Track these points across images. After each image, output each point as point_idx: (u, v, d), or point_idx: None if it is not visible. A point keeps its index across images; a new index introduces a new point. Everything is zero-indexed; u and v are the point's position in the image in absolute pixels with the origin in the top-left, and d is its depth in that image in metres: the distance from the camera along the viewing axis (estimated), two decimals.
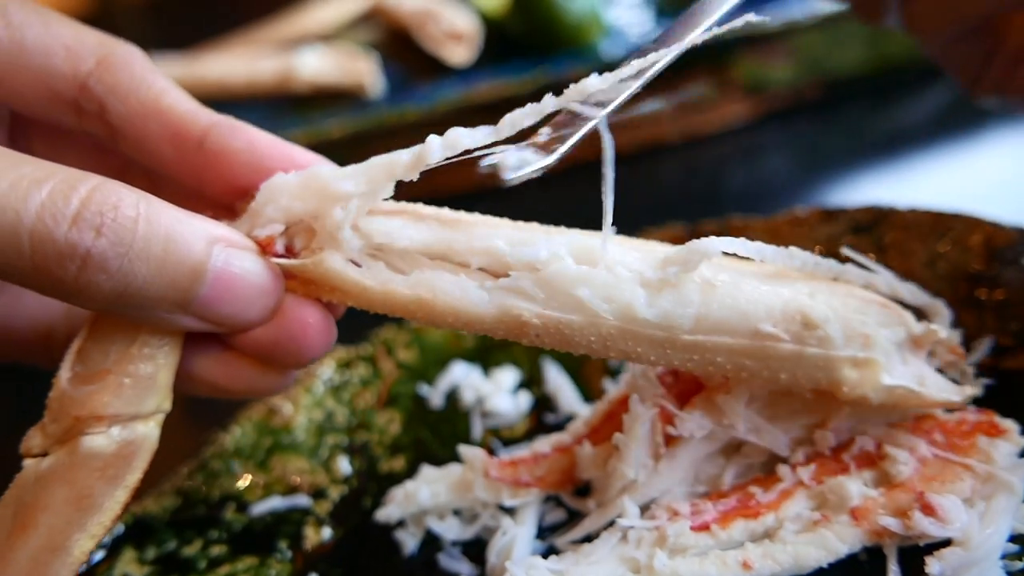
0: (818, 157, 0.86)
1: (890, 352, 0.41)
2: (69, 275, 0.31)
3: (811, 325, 0.38)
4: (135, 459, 0.38)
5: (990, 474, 0.40)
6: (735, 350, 0.39)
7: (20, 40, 0.38)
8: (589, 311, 0.38)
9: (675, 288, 0.38)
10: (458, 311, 0.38)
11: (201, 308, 0.36)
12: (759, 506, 0.40)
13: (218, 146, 0.39)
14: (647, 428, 0.43)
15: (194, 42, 1.07)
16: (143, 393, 0.37)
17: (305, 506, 0.52)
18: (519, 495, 0.47)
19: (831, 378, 0.39)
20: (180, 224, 0.34)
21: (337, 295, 0.39)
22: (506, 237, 0.39)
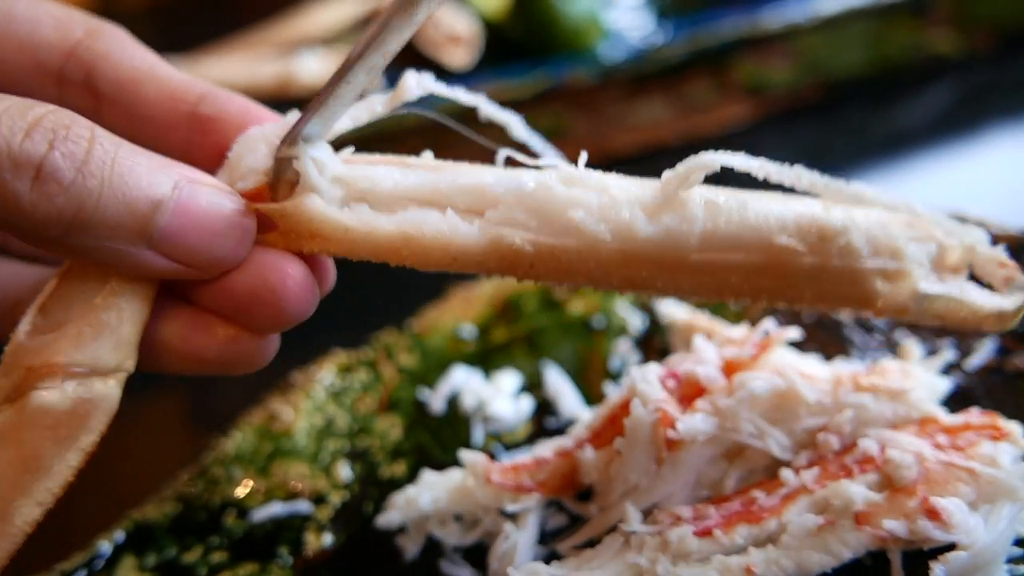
0: (818, 158, 0.86)
1: (923, 263, 0.37)
2: (24, 187, 0.31)
3: (829, 235, 0.35)
4: (91, 419, 0.34)
5: (994, 478, 0.39)
6: (751, 268, 0.35)
7: (8, 11, 0.38)
8: (586, 234, 0.35)
9: (676, 206, 0.35)
10: (447, 245, 0.36)
11: (164, 240, 0.34)
12: (762, 511, 0.40)
13: (213, 111, 0.38)
14: (648, 432, 0.43)
15: (194, 46, 1.07)
16: (104, 345, 0.34)
17: (306, 512, 0.52)
18: (521, 500, 0.46)
19: (862, 291, 0.36)
20: (139, 154, 0.34)
21: (319, 242, 0.37)
22: (493, 174, 0.38)
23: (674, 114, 0.88)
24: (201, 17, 1.51)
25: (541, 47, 0.84)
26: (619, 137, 0.88)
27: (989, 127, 0.83)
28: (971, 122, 0.84)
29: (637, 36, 0.86)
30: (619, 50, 0.84)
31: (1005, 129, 0.82)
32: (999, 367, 0.50)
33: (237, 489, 0.53)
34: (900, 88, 0.89)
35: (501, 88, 0.82)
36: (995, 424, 0.42)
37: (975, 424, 0.42)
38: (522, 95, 0.82)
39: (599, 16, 0.85)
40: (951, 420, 0.43)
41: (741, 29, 0.82)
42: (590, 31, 0.84)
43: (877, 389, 0.43)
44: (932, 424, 0.43)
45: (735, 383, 0.43)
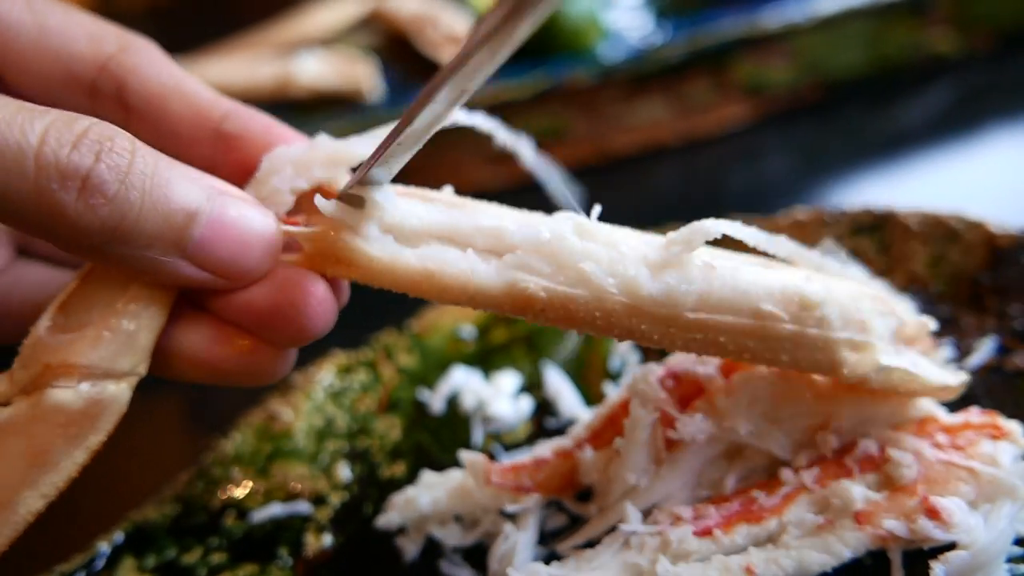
0: (818, 158, 0.86)
1: (885, 338, 0.42)
2: (70, 198, 0.32)
3: (809, 306, 0.39)
4: (101, 419, 0.36)
5: (994, 477, 0.39)
6: (737, 329, 0.39)
7: (43, 24, 0.39)
8: (595, 286, 0.38)
9: (677, 267, 0.38)
10: (465, 284, 0.38)
11: (197, 250, 0.35)
12: (762, 510, 0.40)
13: (237, 128, 0.39)
14: (648, 432, 0.43)
15: (193, 46, 1.07)
16: (121, 350, 0.36)
17: (306, 513, 0.52)
18: (520, 500, 0.46)
19: (831, 360, 0.39)
20: (175, 167, 0.35)
21: (343, 268, 0.38)
22: (511, 218, 0.40)
23: (673, 114, 0.88)
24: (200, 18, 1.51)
25: (540, 47, 0.84)
26: (618, 137, 0.88)
27: (988, 127, 0.83)
28: (970, 122, 0.84)
29: (636, 36, 0.86)
30: (618, 50, 0.84)
31: (1004, 129, 0.82)
32: (999, 366, 0.49)
33: (237, 490, 0.53)
34: (899, 88, 0.89)
35: (500, 89, 0.82)
36: (995, 423, 0.42)
37: (975, 423, 0.42)
38: (521, 95, 0.82)
39: (599, 16, 0.85)
40: (951, 419, 0.43)
41: (740, 29, 0.82)
42: (590, 31, 0.84)
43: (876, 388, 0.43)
44: (932, 423, 0.43)
45: (734, 383, 0.43)
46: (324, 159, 0.39)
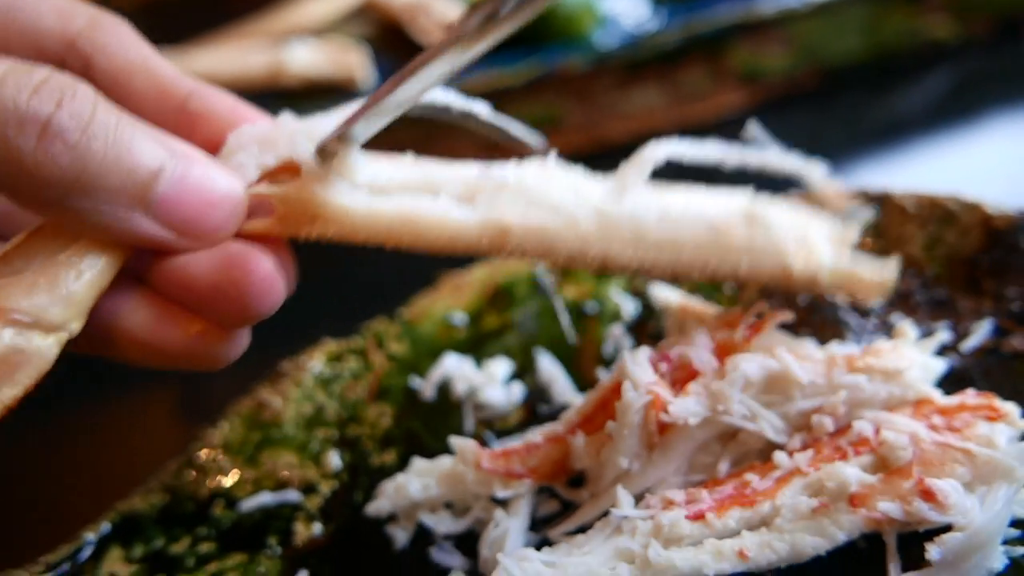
0: (815, 145, 0.85)
1: (824, 241, 0.44)
2: (29, 144, 0.31)
3: (755, 217, 0.43)
4: (19, 370, 0.33)
5: (991, 458, 0.39)
6: (697, 243, 0.42)
7: (13, 2, 0.38)
8: (566, 211, 0.41)
9: (637, 195, 0.42)
10: (442, 226, 0.39)
11: (161, 208, 0.35)
12: (755, 494, 0.39)
13: (201, 107, 0.39)
14: (640, 416, 0.42)
15: (185, 37, 1.07)
16: (55, 301, 0.34)
17: (295, 501, 0.51)
18: (512, 486, 0.46)
19: (783, 264, 0.43)
20: (139, 124, 0.35)
21: (319, 225, 0.38)
22: (478, 168, 0.42)
23: (668, 101, 0.87)
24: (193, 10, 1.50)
25: (535, 34, 0.83)
26: (613, 125, 0.87)
27: (986, 113, 0.82)
28: (968, 108, 0.83)
29: (631, 22, 0.85)
30: (613, 36, 0.83)
31: (1002, 115, 0.82)
32: (996, 348, 0.49)
33: (225, 479, 0.53)
34: (897, 74, 0.89)
35: (494, 76, 0.81)
36: (991, 405, 0.42)
37: (971, 405, 0.42)
38: (515, 82, 0.81)
39: (593, 3, 0.84)
40: (947, 401, 0.43)
41: (736, 15, 0.82)
42: (584, 18, 0.83)
43: (872, 370, 0.43)
44: (928, 405, 0.42)
45: (728, 366, 0.43)
46: (289, 136, 0.39)
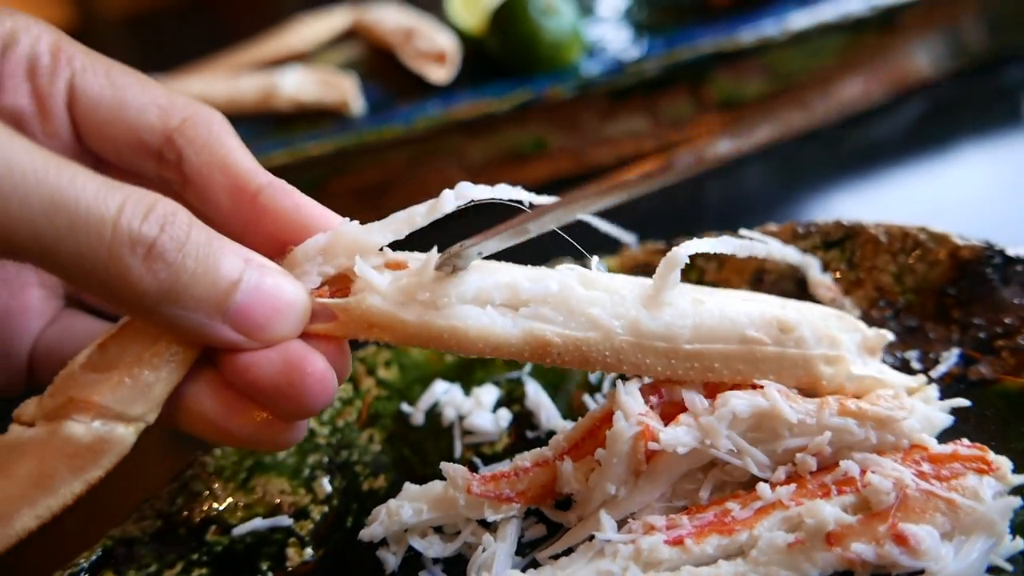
0: (793, 171, 0.88)
1: (853, 351, 0.47)
2: (136, 262, 0.36)
3: (787, 328, 0.45)
4: (104, 457, 0.39)
5: (973, 510, 0.39)
6: (728, 355, 0.44)
7: (121, 98, 0.44)
8: (603, 327, 0.43)
9: (671, 304, 0.44)
10: (488, 337, 0.43)
11: (236, 314, 0.40)
12: (734, 522, 0.41)
13: (269, 202, 0.44)
14: (629, 445, 0.43)
15: (174, 59, 1.08)
16: (136, 397, 0.39)
17: (287, 526, 0.52)
18: (501, 510, 0.47)
19: (811, 374, 0.45)
20: (224, 241, 0.40)
21: (375, 332, 0.43)
22: (523, 274, 0.45)
23: (652, 128, 0.89)
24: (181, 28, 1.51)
25: (522, 63, 0.85)
26: (598, 150, 0.89)
27: (958, 142, 0.85)
28: (940, 137, 0.86)
29: (615, 51, 0.87)
30: (596, 64, 0.85)
31: (973, 144, 0.84)
32: (963, 375, 0.51)
33: (218, 504, 0.54)
34: (872, 104, 0.91)
35: (481, 102, 0.83)
36: (984, 457, 0.42)
37: (963, 455, 0.42)
38: (500, 109, 0.83)
39: (580, 32, 0.86)
40: (939, 449, 0.43)
41: (716, 43, 0.84)
42: (571, 47, 0.85)
43: (864, 415, 0.43)
44: (919, 451, 0.43)
45: (718, 401, 0.44)
46: (346, 248, 0.43)
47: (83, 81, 0.44)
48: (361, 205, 0.88)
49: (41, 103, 0.44)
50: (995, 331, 0.52)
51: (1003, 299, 0.52)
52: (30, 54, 0.43)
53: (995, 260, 0.53)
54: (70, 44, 0.44)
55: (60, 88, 0.44)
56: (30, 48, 0.43)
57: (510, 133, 0.87)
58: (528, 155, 0.89)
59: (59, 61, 0.43)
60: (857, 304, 0.56)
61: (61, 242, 0.35)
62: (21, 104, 0.43)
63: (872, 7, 0.84)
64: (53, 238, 0.34)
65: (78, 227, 0.35)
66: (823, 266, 0.58)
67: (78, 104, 0.44)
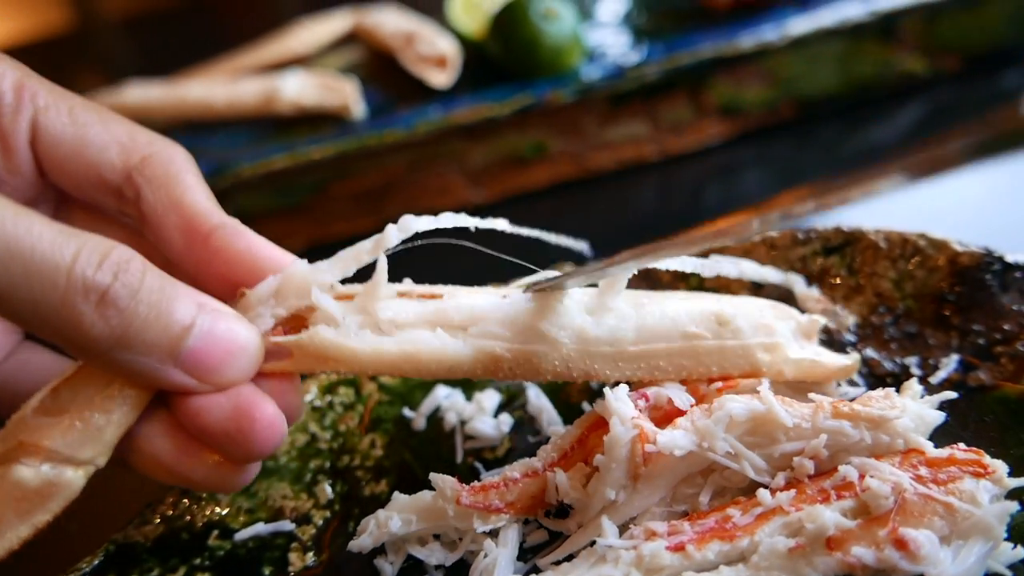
0: (792, 175, 0.88)
1: (788, 337, 0.50)
2: (88, 309, 0.37)
3: (724, 321, 0.47)
4: (51, 500, 0.39)
5: (971, 514, 0.40)
6: (672, 352, 0.47)
7: (82, 136, 0.45)
8: (550, 339, 0.45)
9: (614, 309, 0.47)
10: (440, 359, 0.44)
11: (188, 359, 0.40)
12: (735, 528, 0.41)
13: (221, 244, 0.44)
14: (627, 449, 0.44)
15: (174, 62, 1.08)
16: (86, 441, 0.40)
17: (289, 531, 0.53)
18: (490, 520, 0.47)
19: (751, 362, 0.48)
20: (176, 285, 0.41)
21: (331, 364, 0.44)
22: (480, 295, 0.47)
23: (652, 132, 0.89)
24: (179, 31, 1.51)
25: (523, 67, 0.86)
26: (598, 155, 0.90)
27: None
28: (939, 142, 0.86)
29: (615, 55, 0.87)
30: (597, 69, 0.86)
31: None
32: (962, 381, 0.51)
33: (220, 509, 0.54)
34: (871, 107, 0.92)
35: (481, 107, 0.83)
36: (980, 461, 0.42)
37: (960, 459, 0.43)
38: (500, 113, 0.83)
39: (581, 37, 0.86)
40: (936, 453, 0.44)
41: (715, 48, 0.84)
42: (572, 52, 0.85)
43: (857, 416, 0.44)
44: (916, 455, 0.43)
45: (714, 404, 0.45)
46: (297, 289, 0.44)
47: (46, 119, 0.44)
48: (362, 209, 0.88)
49: (4, 140, 0.44)
50: (994, 337, 0.52)
51: (1002, 305, 0.53)
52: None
53: (994, 267, 0.54)
54: (34, 81, 0.45)
55: (23, 126, 0.44)
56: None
57: (510, 137, 0.87)
58: (528, 159, 0.89)
59: (22, 99, 0.44)
60: (856, 310, 0.56)
61: (16, 289, 0.35)
62: None
63: (872, 13, 0.85)
64: (8, 285, 0.35)
65: (32, 275, 0.35)
66: (821, 273, 0.58)
67: (40, 141, 0.45)
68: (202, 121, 0.90)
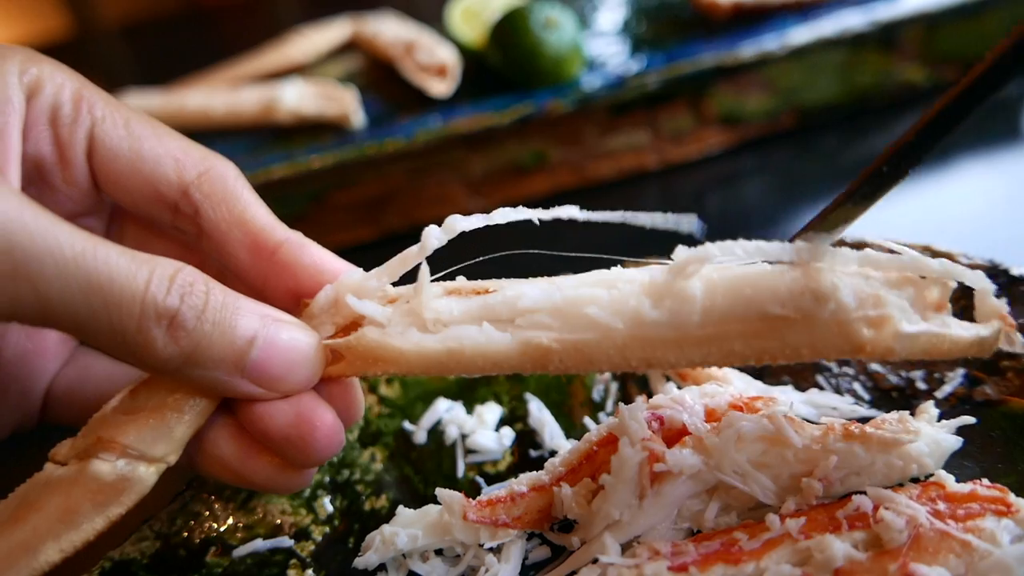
0: (793, 184, 0.88)
1: (904, 307, 0.40)
2: (160, 332, 0.38)
3: (822, 298, 0.38)
4: (125, 494, 0.41)
5: (989, 554, 0.38)
6: (750, 334, 0.39)
7: (138, 149, 0.45)
8: (600, 326, 0.40)
9: (676, 288, 0.40)
10: (486, 354, 0.42)
11: (253, 369, 0.41)
12: (741, 553, 0.40)
13: (288, 259, 0.45)
14: (635, 470, 0.43)
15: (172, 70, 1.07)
16: (159, 439, 0.42)
17: (288, 547, 0.52)
18: (497, 536, 0.47)
19: (851, 341, 0.39)
20: (239, 299, 0.42)
21: (380, 366, 0.44)
22: (528, 286, 0.43)
23: (653, 141, 0.89)
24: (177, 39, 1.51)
25: (523, 77, 0.85)
26: (599, 164, 0.89)
27: (956, 155, 0.85)
28: (940, 151, 0.86)
29: (616, 65, 0.87)
30: (597, 78, 0.85)
31: (971, 157, 0.85)
32: (968, 395, 0.51)
33: (218, 525, 0.53)
34: (871, 117, 0.92)
35: (482, 116, 0.83)
36: (1004, 499, 0.41)
37: (982, 496, 0.41)
38: (500, 123, 0.83)
39: (581, 46, 0.86)
40: (957, 487, 0.42)
41: (716, 58, 0.84)
42: (572, 61, 0.85)
43: (869, 439, 0.43)
44: (936, 488, 0.42)
45: (723, 422, 0.44)
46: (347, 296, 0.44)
47: (102, 131, 0.45)
48: (361, 218, 0.88)
49: (62, 152, 0.44)
50: (1000, 351, 0.51)
51: None
52: (53, 103, 0.44)
53: (999, 279, 0.53)
54: (92, 92, 0.45)
55: (80, 137, 0.44)
56: (53, 96, 0.44)
57: (511, 147, 0.87)
58: (529, 169, 0.89)
59: (80, 110, 0.44)
60: None
61: (97, 319, 0.36)
62: (43, 152, 0.44)
63: (872, 23, 0.85)
64: (88, 315, 0.36)
65: (111, 305, 0.36)
66: None
67: (97, 154, 0.45)
68: (201, 130, 0.90)
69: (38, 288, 0.35)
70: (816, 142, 0.91)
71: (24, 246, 0.34)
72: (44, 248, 0.34)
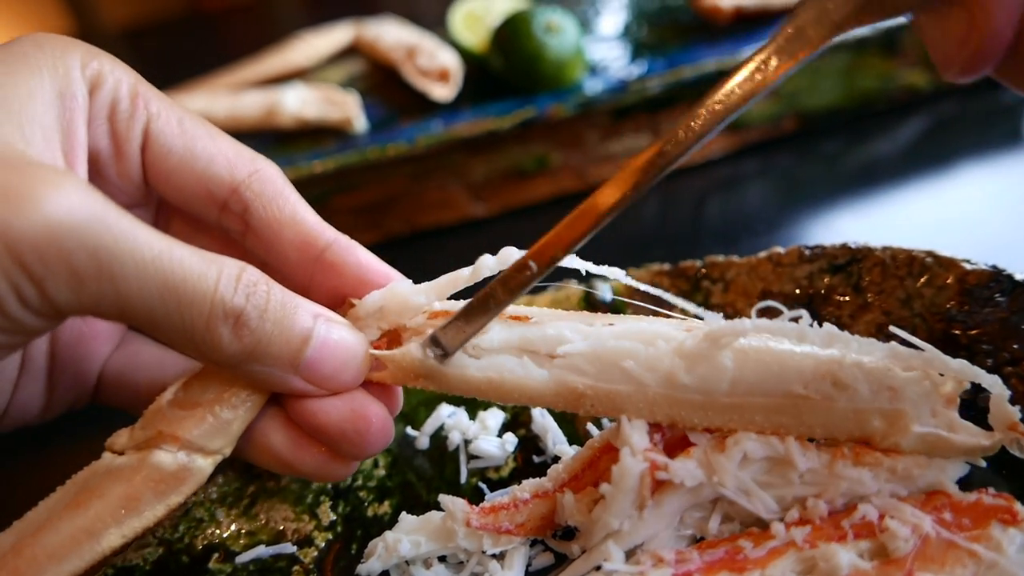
0: (794, 189, 0.88)
1: (918, 403, 0.43)
2: (226, 330, 0.40)
3: (841, 386, 0.42)
4: (184, 484, 0.43)
5: (995, 563, 0.38)
6: (770, 409, 0.42)
7: (192, 147, 0.46)
8: (635, 381, 0.43)
9: (710, 357, 0.43)
10: (522, 388, 0.44)
11: (307, 367, 0.43)
12: (746, 561, 0.40)
13: (335, 259, 0.47)
14: (636, 481, 0.43)
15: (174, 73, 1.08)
16: (216, 433, 0.44)
17: (291, 554, 0.52)
18: (500, 542, 0.46)
19: (862, 429, 0.42)
20: (296, 299, 0.43)
21: (421, 381, 0.46)
22: (567, 325, 0.46)
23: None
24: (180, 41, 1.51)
25: (525, 81, 0.85)
26: (601, 168, 0.89)
27: (958, 159, 0.85)
28: (941, 153, 0.86)
29: (617, 69, 0.87)
30: (599, 82, 0.85)
31: (974, 160, 0.85)
32: (972, 401, 0.51)
33: (221, 531, 0.53)
34: (873, 121, 0.92)
35: (483, 120, 0.83)
36: (1010, 508, 0.41)
37: (988, 505, 0.41)
38: (504, 127, 0.83)
39: (583, 51, 0.86)
40: (962, 497, 0.42)
41: (719, 62, 0.84)
42: (574, 66, 0.85)
43: (879, 465, 0.42)
44: (941, 498, 0.42)
45: (730, 440, 0.44)
46: (398, 307, 0.47)
47: (157, 127, 0.45)
48: (363, 223, 0.88)
49: (118, 145, 0.45)
50: (1003, 357, 0.51)
51: (1011, 325, 0.52)
52: (113, 97, 0.44)
53: (1003, 285, 0.53)
54: (147, 88, 0.46)
55: (136, 132, 0.45)
56: (113, 91, 0.44)
57: (512, 151, 0.87)
58: (530, 173, 0.89)
59: (137, 105, 0.45)
60: (864, 329, 0.56)
61: (168, 317, 0.38)
62: (101, 145, 0.45)
63: (874, 27, 0.85)
64: (163, 314, 0.38)
65: (184, 304, 0.38)
66: (828, 292, 0.56)
67: (150, 149, 0.46)
68: None
69: (119, 288, 0.36)
70: (818, 146, 0.91)
71: (108, 247, 0.35)
72: (126, 249, 0.35)
